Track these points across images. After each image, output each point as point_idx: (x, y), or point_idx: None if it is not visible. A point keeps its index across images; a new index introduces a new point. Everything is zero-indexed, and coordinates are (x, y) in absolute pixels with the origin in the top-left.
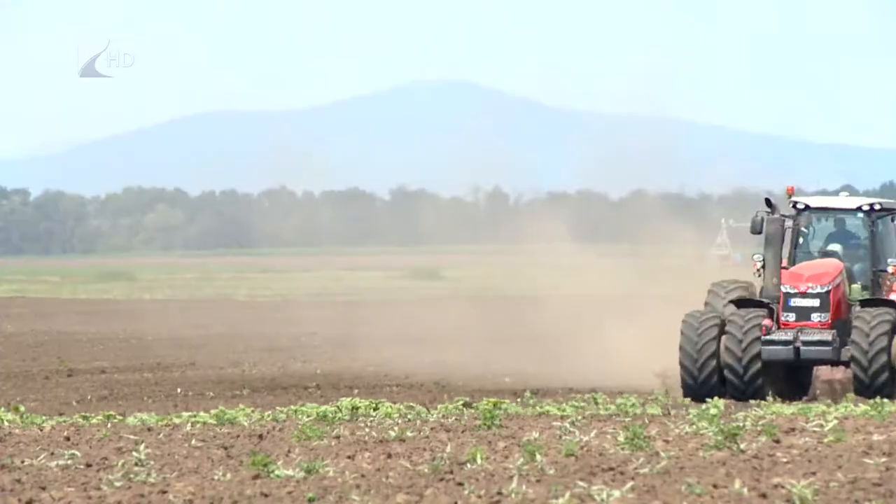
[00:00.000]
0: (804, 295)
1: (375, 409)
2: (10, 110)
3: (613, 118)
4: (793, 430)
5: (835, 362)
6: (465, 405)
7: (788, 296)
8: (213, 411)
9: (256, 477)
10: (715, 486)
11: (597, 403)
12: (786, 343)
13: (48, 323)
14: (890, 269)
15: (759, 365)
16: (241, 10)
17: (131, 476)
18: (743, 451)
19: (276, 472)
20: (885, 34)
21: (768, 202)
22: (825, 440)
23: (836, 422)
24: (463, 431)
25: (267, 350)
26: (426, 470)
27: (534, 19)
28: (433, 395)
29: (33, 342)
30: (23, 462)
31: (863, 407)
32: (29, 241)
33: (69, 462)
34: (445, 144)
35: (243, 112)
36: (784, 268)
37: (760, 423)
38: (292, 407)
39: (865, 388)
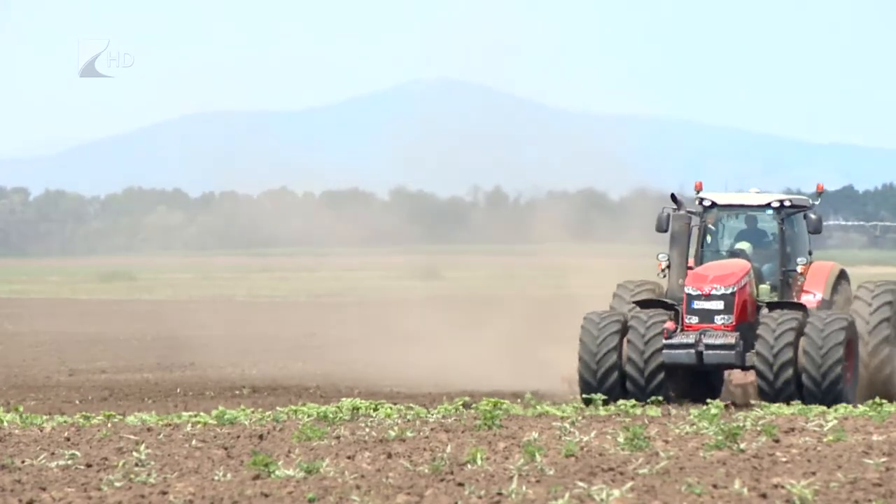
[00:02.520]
0: (708, 297)
1: (375, 410)
2: (10, 110)
3: (613, 118)
4: (792, 430)
5: (738, 367)
6: (465, 406)
7: (692, 297)
8: (213, 411)
9: (257, 477)
10: (715, 486)
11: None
12: (688, 346)
13: (48, 323)
14: (799, 269)
15: (661, 369)
16: (241, 10)
17: (131, 476)
18: (743, 451)
19: (277, 473)
20: (885, 34)
21: (674, 198)
22: (825, 440)
23: (835, 422)
24: (463, 432)
25: (267, 350)
26: (426, 470)
27: (534, 19)
28: (433, 395)
29: (33, 342)
30: (23, 462)
31: (862, 408)
32: (29, 241)
33: (69, 462)
34: (445, 144)
35: (243, 112)
36: (690, 267)
37: (760, 423)
38: (292, 407)
39: (770, 395)
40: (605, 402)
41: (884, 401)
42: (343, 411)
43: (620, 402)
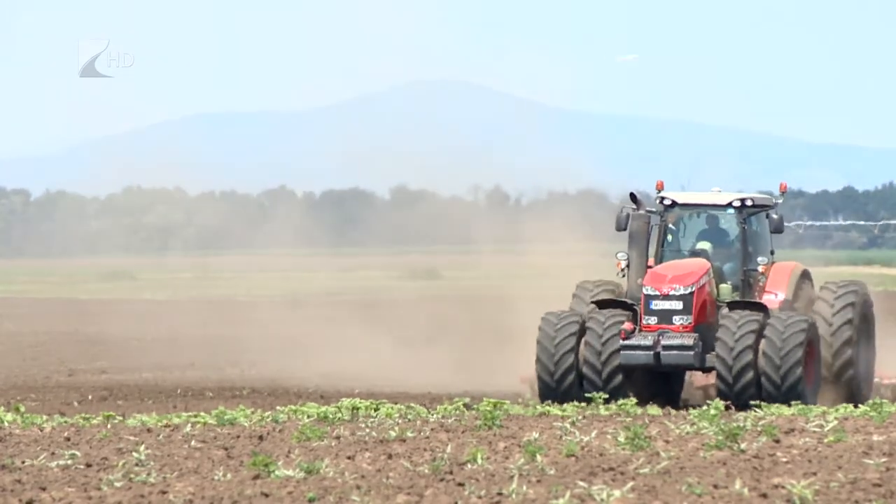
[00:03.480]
0: (666, 297)
1: (376, 410)
2: (10, 110)
3: (613, 118)
4: (793, 430)
5: (697, 368)
6: (466, 406)
7: (650, 297)
8: (213, 412)
9: (256, 477)
10: (715, 486)
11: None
12: (645, 348)
13: (48, 323)
14: (760, 269)
15: (619, 371)
16: (241, 10)
17: (131, 476)
18: (743, 451)
19: (277, 473)
20: (885, 34)
21: (633, 197)
22: (825, 440)
23: (836, 422)
24: (463, 432)
25: (267, 350)
26: (426, 470)
27: (534, 19)
28: (432, 396)
29: (33, 342)
30: (23, 462)
31: (862, 408)
32: (29, 241)
33: (69, 462)
34: (445, 144)
35: (243, 112)
36: (650, 267)
37: (760, 423)
38: (292, 407)
39: (729, 396)
40: (606, 401)
41: (884, 400)
42: (343, 411)
43: (621, 401)
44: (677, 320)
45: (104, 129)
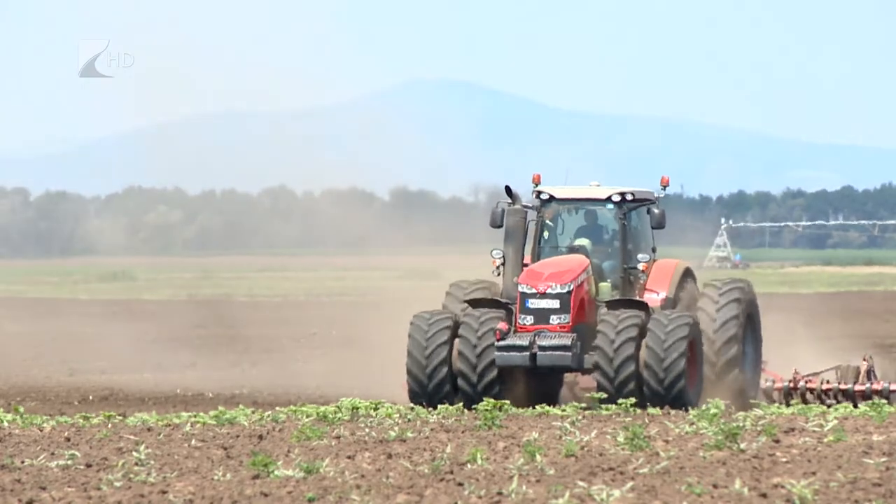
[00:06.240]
0: (543, 295)
1: (375, 410)
2: (10, 110)
3: (613, 118)
4: (793, 430)
5: (575, 370)
6: (466, 406)
7: (526, 296)
8: (212, 412)
9: (256, 477)
10: (715, 486)
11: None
12: (521, 348)
13: (48, 323)
14: (641, 267)
15: (494, 372)
16: (241, 10)
17: (131, 476)
18: (743, 451)
19: (276, 473)
20: (885, 34)
21: (509, 192)
22: (825, 440)
23: (835, 422)
24: (463, 432)
25: (267, 350)
26: (426, 470)
27: (534, 19)
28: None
29: (33, 342)
30: (23, 462)
31: (862, 408)
32: (29, 241)
33: (69, 462)
34: (445, 144)
35: (243, 112)
36: (527, 265)
37: (760, 423)
38: (292, 407)
39: (611, 396)
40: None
41: (884, 401)
42: (343, 411)
43: (620, 400)
44: (554, 320)
45: (104, 129)
